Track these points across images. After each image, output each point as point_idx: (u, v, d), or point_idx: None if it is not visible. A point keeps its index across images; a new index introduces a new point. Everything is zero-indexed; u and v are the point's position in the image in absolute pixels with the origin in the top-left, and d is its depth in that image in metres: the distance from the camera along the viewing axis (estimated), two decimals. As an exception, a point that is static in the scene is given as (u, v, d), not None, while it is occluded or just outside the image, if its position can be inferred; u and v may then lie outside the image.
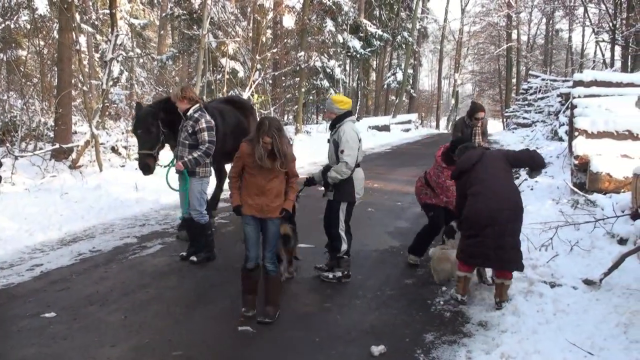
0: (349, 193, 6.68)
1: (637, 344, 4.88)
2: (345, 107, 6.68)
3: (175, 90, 7.36)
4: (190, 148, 7.19)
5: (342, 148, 6.46)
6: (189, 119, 7.21)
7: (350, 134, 6.56)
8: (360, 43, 35.21)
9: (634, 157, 10.67)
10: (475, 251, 5.96)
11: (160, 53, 28.27)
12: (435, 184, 7.30)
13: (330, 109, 6.73)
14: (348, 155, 6.46)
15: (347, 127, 6.64)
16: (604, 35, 32.33)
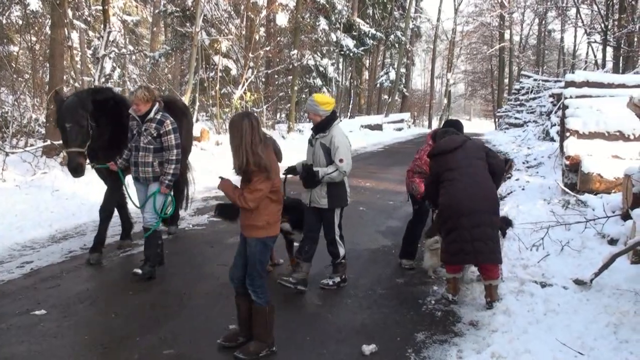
0: (343, 198, 6.48)
1: (627, 344, 4.90)
2: (330, 107, 6.33)
3: (140, 91, 6.66)
4: (156, 152, 6.71)
5: (341, 157, 6.18)
6: (152, 121, 6.66)
7: (343, 140, 6.31)
8: (354, 42, 35.27)
9: (624, 157, 10.71)
10: (454, 248, 5.93)
11: (152, 50, 28.20)
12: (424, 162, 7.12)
13: (314, 110, 6.30)
14: (347, 164, 6.25)
15: (339, 132, 6.36)
16: (596, 36, 32.46)
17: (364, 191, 13.42)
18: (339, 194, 6.39)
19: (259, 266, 4.80)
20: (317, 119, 6.32)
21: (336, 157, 6.20)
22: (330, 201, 6.34)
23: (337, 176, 6.22)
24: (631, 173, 7.95)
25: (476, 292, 6.43)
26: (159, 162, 6.74)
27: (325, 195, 6.31)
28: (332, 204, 6.36)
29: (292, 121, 27.58)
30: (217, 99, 22.57)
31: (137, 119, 6.74)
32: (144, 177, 6.78)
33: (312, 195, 6.38)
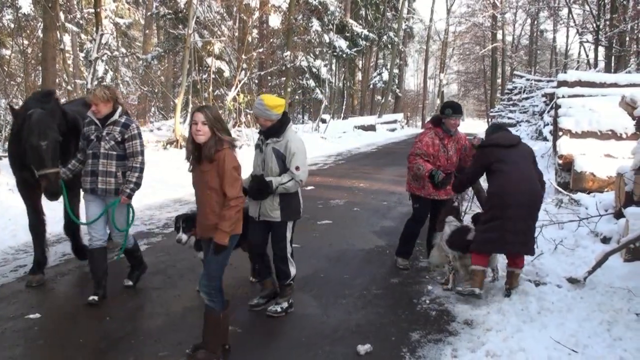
0: (297, 210, 5.78)
1: (621, 342, 4.94)
2: (282, 110, 5.60)
3: (99, 90, 5.96)
4: (119, 160, 5.93)
5: (297, 164, 5.50)
6: (115, 124, 5.93)
7: (300, 146, 5.63)
8: (346, 43, 35.28)
9: (617, 156, 10.78)
10: (492, 236, 5.99)
11: (145, 52, 28.19)
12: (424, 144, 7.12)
13: (265, 115, 5.53)
14: (304, 172, 5.58)
15: (294, 136, 5.69)
16: (588, 36, 32.62)
17: (357, 192, 13.43)
18: (293, 205, 5.70)
19: (220, 267, 4.65)
20: (269, 124, 5.58)
21: (292, 164, 5.51)
22: (283, 213, 5.63)
23: (293, 186, 5.55)
24: (623, 172, 8.00)
25: (470, 291, 6.45)
26: (122, 172, 5.97)
27: (278, 207, 5.60)
28: (285, 217, 5.65)
29: (285, 123, 27.54)
30: (210, 100, 22.55)
31: (96, 123, 5.94)
32: (104, 188, 5.93)
33: (262, 208, 5.62)
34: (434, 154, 7.06)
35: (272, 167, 5.55)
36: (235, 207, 4.47)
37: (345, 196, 12.66)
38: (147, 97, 29.08)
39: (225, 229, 4.46)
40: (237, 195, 4.48)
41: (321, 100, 31.87)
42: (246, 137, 22.02)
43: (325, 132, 29.11)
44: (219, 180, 4.48)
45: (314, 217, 10.39)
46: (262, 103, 5.51)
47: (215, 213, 4.52)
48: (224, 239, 4.47)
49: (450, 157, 7.15)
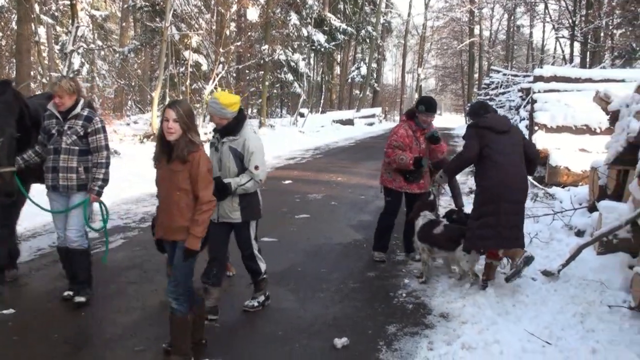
0: (257, 209, 5.61)
1: (593, 333, 5.01)
2: (237, 107, 5.34)
3: (65, 81, 5.64)
4: (81, 155, 5.64)
5: (256, 163, 5.28)
6: (77, 117, 5.62)
7: (258, 144, 5.40)
8: (325, 37, 35.25)
9: (591, 151, 10.92)
10: (487, 232, 6.00)
11: (122, 45, 27.90)
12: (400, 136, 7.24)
13: (221, 114, 5.29)
14: (263, 171, 5.37)
15: (252, 134, 5.45)
16: (564, 31, 32.95)
17: (335, 185, 13.45)
18: (253, 204, 5.52)
19: (189, 272, 4.52)
20: (224, 122, 5.33)
21: (251, 163, 5.28)
22: (244, 214, 5.44)
23: (252, 186, 5.34)
24: (597, 166, 8.10)
25: (446, 284, 6.50)
26: (84, 168, 5.67)
27: (238, 208, 5.39)
28: (246, 217, 5.47)
29: (263, 116, 27.52)
30: (187, 94, 22.40)
31: (57, 116, 5.63)
32: (66, 185, 5.64)
33: (220, 209, 5.36)
34: (409, 145, 7.21)
35: (230, 166, 5.33)
36: (208, 211, 4.37)
37: (323, 190, 12.67)
38: (123, 91, 28.84)
39: (198, 234, 4.32)
40: (211, 199, 4.38)
41: (299, 94, 31.83)
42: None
43: (304, 126, 29.10)
44: (191, 182, 4.33)
45: (292, 211, 10.40)
46: (217, 102, 5.25)
47: (183, 215, 4.34)
48: (196, 244, 4.33)
49: (422, 150, 7.28)
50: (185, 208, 4.34)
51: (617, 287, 5.92)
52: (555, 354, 4.64)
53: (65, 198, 5.75)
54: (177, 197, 4.35)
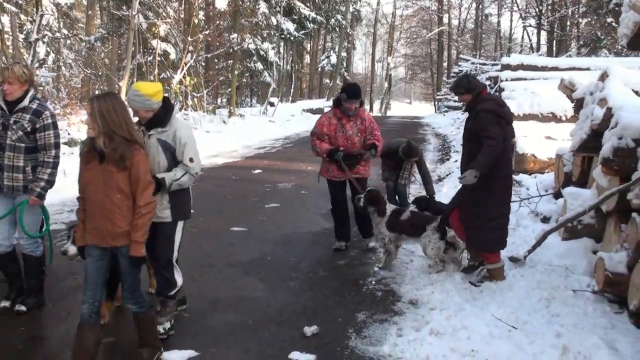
0: (189, 208, 5.11)
1: (558, 317, 5.10)
2: (161, 96, 4.83)
3: (18, 67, 5.08)
4: (28, 153, 5.09)
5: (190, 155, 4.81)
6: (25, 110, 5.04)
7: (189, 134, 4.93)
8: (294, 25, 35.13)
9: (557, 138, 11.08)
10: (505, 233, 6.13)
11: (88, 34, 27.44)
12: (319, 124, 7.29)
13: (145, 106, 4.72)
14: (198, 163, 4.92)
15: (182, 124, 5.00)
16: (531, 20, 33.31)
17: (305, 175, 13.44)
18: (184, 202, 5.00)
19: (138, 276, 4.34)
20: (150, 114, 4.76)
21: (185, 156, 4.79)
22: (174, 212, 4.89)
23: (188, 181, 4.85)
24: (562, 153, 8.23)
25: (414, 272, 6.56)
26: (32, 167, 5.14)
27: (168, 206, 4.83)
28: (177, 216, 4.92)
29: (233, 105, 27.37)
30: (156, 83, 22.16)
31: (2, 107, 5.04)
32: (11, 185, 5.09)
33: None
34: (329, 133, 7.16)
35: (160, 161, 4.76)
36: (148, 214, 4.14)
37: (293, 179, 12.67)
38: (90, 80, 28.42)
39: (140, 239, 4.10)
40: (150, 201, 4.15)
41: (269, 84, 31.70)
42: (193, 120, 21.77)
43: (274, 115, 29.02)
44: (130, 184, 4.07)
45: (262, 200, 10.40)
46: (139, 93, 4.67)
47: (126, 219, 4.07)
48: (140, 250, 4.11)
49: (350, 137, 7.17)
50: (127, 212, 4.07)
51: (582, 271, 6.03)
52: (521, 338, 4.71)
53: (11, 200, 5.18)
54: (118, 200, 4.05)
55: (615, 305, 5.28)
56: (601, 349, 4.33)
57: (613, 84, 6.46)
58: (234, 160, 15.95)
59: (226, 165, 14.91)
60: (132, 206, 4.10)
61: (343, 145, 7.13)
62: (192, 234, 7.98)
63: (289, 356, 4.54)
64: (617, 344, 4.52)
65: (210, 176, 12.85)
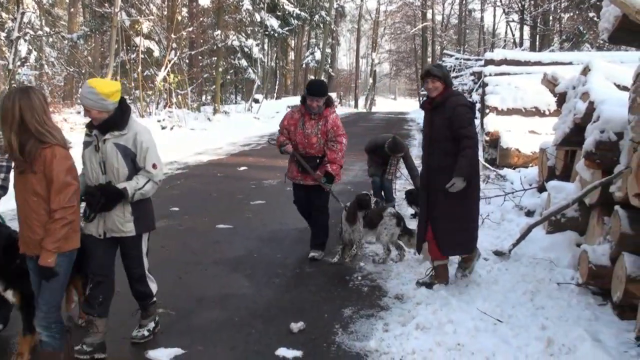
0: (152, 219, 4.71)
1: (543, 310, 5.15)
2: (119, 96, 4.33)
3: None
4: None
5: (153, 161, 4.39)
6: None
7: (150, 137, 4.48)
8: (278, 22, 35.09)
9: (540, 132, 11.16)
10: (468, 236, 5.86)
11: (70, 32, 27.24)
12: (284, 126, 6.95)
13: (100, 105, 4.22)
14: (161, 170, 4.50)
15: (142, 128, 4.51)
16: (514, 15, 33.46)
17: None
18: (147, 212, 4.61)
19: (58, 294, 3.94)
20: (105, 115, 4.28)
21: (147, 162, 4.38)
22: (138, 225, 4.48)
23: (151, 189, 4.42)
24: (546, 147, 8.28)
25: (400, 267, 6.58)
26: None
27: (131, 218, 4.42)
28: (141, 228, 4.52)
29: (217, 103, 27.28)
30: (140, 81, 22.06)
31: None
32: None
33: (108, 222, 4.39)
34: (288, 128, 6.89)
35: (119, 168, 4.33)
36: (61, 220, 3.68)
37: (278, 176, 12.60)
38: (73, 78, 28.19)
39: (49, 247, 3.66)
40: (64, 205, 3.68)
41: (254, 80, 31.64)
42: (177, 118, 21.68)
43: (258, 112, 28.96)
44: (46, 185, 3.69)
45: (247, 197, 10.38)
46: (94, 91, 4.19)
47: (44, 225, 3.72)
48: (47, 259, 3.68)
49: (308, 136, 6.73)
50: (45, 216, 3.71)
51: (566, 264, 6.10)
52: (507, 332, 4.74)
53: None
54: (35, 203, 3.72)
55: (599, 297, 5.35)
56: (585, 341, 4.37)
57: (595, 78, 6.51)
58: (219, 157, 15.90)
59: (211, 162, 14.86)
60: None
61: (300, 142, 6.79)
62: (178, 231, 8.00)
63: (276, 352, 4.54)
64: (601, 336, 4.57)
65: (196, 174, 12.82)
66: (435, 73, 5.58)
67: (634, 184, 4.57)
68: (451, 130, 5.44)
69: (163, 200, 9.93)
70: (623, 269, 4.78)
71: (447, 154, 5.46)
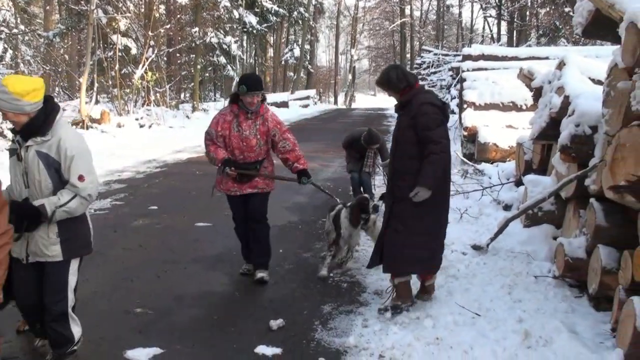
0: (86, 241, 4.04)
1: (520, 303, 5.20)
2: (40, 95, 3.72)
3: None
4: None
5: (80, 172, 3.73)
6: None
7: (79, 144, 3.84)
8: (257, 19, 35.00)
9: (518, 127, 11.24)
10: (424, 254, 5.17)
11: (46, 30, 26.92)
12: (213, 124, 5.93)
13: (14, 107, 3.65)
14: (92, 182, 3.81)
15: (69, 133, 3.89)
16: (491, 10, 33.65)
17: (270, 169, 13.41)
18: (80, 234, 3.95)
19: None
20: (24, 119, 3.72)
21: (72, 173, 3.73)
22: (66, 248, 3.84)
23: (79, 206, 3.77)
24: (523, 141, 8.34)
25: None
26: None
27: (57, 240, 3.79)
28: (70, 252, 3.88)
29: (196, 100, 27.16)
30: (117, 79, 21.88)
31: None
32: None
33: (31, 244, 3.81)
34: (222, 132, 5.82)
35: (42, 180, 3.75)
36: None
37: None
38: (50, 77, 27.90)
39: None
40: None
41: (232, 77, 31.50)
42: (156, 116, 21.54)
43: (238, 109, 28.80)
44: None
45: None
46: (4, 90, 3.60)
47: None
48: None
49: (246, 138, 5.81)
50: None
51: (543, 257, 6.16)
52: (485, 325, 4.78)
53: None
54: None
55: (576, 289, 5.41)
56: (562, 333, 4.43)
57: (570, 73, 6.57)
58: (198, 155, 15.79)
59: (190, 160, 14.78)
60: None
61: (237, 147, 5.82)
62: (157, 230, 7.97)
63: (255, 350, 4.53)
64: (577, 327, 4.63)
65: (174, 172, 12.75)
66: (382, 82, 5.14)
67: (609, 177, 4.62)
68: (415, 132, 4.86)
69: (142, 199, 9.89)
70: (598, 261, 4.83)
71: (412, 157, 4.91)
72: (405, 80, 5.00)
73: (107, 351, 4.53)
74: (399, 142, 5.07)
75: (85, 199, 3.76)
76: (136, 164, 13.65)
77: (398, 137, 5.10)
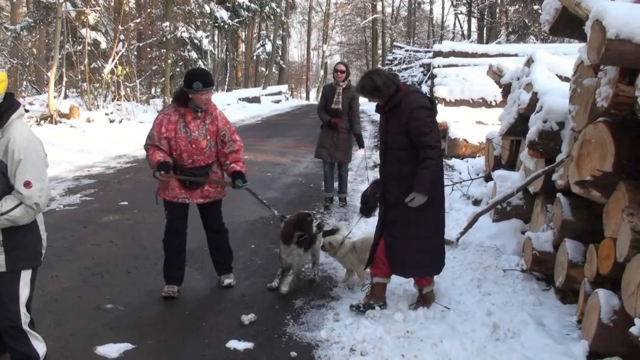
0: (35, 251, 3.63)
1: (489, 296, 5.29)
2: (2, 89, 3.36)
3: None
4: None
5: (27, 177, 3.34)
6: None
7: (29, 145, 3.41)
8: (228, 13, 34.85)
9: (487, 123, 11.38)
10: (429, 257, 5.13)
11: (13, 23, 26.51)
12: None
13: None
14: (41, 189, 3.41)
15: (22, 131, 3.43)
16: (462, 7, 33.91)
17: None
18: (26, 244, 3.55)
19: None
20: None
21: (17, 178, 3.35)
22: (11, 259, 3.47)
23: (24, 215, 3.38)
24: (492, 137, 8.45)
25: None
26: None
27: (2, 250, 3.44)
28: (14, 264, 3.49)
29: (167, 95, 26.89)
30: (86, 74, 21.60)
31: None
32: None
33: None
34: (167, 134, 5.28)
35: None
36: None
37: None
38: (18, 71, 27.47)
39: None
40: None
41: (204, 72, 31.29)
42: (126, 111, 21.32)
43: (209, 104, 28.65)
44: None
45: (198, 190, 10.28)
46: None
47: None
48: None
49: (196, 140, 5.31)
50: None
51: (511, 251, 6.25)
52: (454, 318, 4.85)
53: None
54: None
55: (543, 282, 5.51)
56: (529, 325, 4.52)
57: (538, 69, 6.67)
58: None
59: (161, 155, 14.65)
60: None
61: (185, 150, 5.30)
62: (127, 226, 7.91)
63: (227, 345, 4.55)
64: (544, 320, 4.73)
65: (145, 167, 12.58)
66: (369, 91, 4.96)
67: (575, 172, 4.70)
68: (408, 137, 4.74)
69: (112, 194, 9.80)
70: (565, 254, 4.93)
71: (404, 162, 4.81)
72: (393, 83, 4.87)
73: (78, 347, 4.50)
74: (390, 148, 4.93)
75: (32, 208, 3.38)
76: (106, 159, 13.51)
77: (388, 142, 4.94)
